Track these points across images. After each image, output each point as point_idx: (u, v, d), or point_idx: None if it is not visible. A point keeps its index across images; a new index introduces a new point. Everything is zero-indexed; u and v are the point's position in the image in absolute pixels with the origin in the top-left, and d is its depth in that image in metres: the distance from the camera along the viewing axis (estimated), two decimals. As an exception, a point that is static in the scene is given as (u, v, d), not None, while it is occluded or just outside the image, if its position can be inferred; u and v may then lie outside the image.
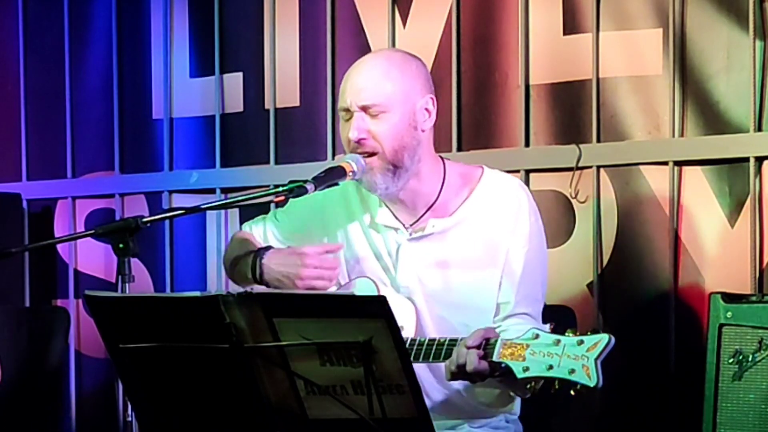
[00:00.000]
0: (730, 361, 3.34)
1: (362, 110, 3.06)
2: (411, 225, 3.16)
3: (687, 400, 3.62)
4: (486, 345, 2.76)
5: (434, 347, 2.90)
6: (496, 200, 3.13)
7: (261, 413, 2.59)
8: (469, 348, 2.77)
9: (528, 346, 2.67)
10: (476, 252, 3.10)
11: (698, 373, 3.40)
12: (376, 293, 3.07)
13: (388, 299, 2.47)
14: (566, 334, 2.64)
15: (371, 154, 3.06)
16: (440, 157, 3.20)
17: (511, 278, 3.10)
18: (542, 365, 2.62)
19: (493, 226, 3.11)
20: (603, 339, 2.60)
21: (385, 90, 3.06)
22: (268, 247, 3.23)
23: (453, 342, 2.87)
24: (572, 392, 2.59)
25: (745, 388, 3.31)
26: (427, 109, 3.11)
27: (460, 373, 2.80)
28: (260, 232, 3.37)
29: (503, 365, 2.70)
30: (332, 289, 3.16)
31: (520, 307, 3.10)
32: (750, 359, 3.31)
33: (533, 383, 2.65)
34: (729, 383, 3.33)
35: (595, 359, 2.58)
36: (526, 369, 2.65)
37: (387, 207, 3.18)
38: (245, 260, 3.22)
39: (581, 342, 2.60)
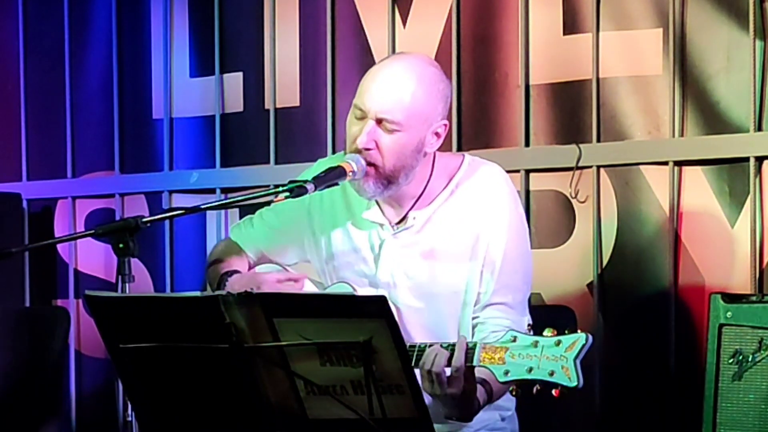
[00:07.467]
0: (730, 361, 3.34)
1: (377, 121, 3.01)
2: (396, 223, 3.14)
3: (687, 400, 3.62)
4: (466, 350, 2.74)
5: (415, 352, 2.83)
6: (475, 188, 3.09)
7: (261, 413, 2.59)
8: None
9: (507, 349, 2.66)
10: (455, 241, 3.07)
11: (698, 373, 3.41)
12: None
13: None
14: (544, 333, 2.64)
15: (369, 164, 3.03)
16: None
17: (490, 267, 3.06)
18: (522, 368, 2.62)
19: (472, 215, 3.07)
20: (580, 338, 2.59)
21: (406, 109, 2.99)
22: (234, 272, 3.23)
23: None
24: (554, 393, 2.59)
25: (745, 388, 3.31)
26: (437, 133, 3.06)
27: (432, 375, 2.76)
28: (248, 235, 3.35)
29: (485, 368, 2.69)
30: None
31: (498, 296, 3.07)
32: (750, 359, 3.31)
33: (515, 386, 2.66)
34: (729, 383, 3.33)
35: (574, 359, 2.57)
36: (507, 372, 2.64)
37: (375, 204, 3.15)
38: (214, 284, 3.25)
39: (559, 342, 2.60)
